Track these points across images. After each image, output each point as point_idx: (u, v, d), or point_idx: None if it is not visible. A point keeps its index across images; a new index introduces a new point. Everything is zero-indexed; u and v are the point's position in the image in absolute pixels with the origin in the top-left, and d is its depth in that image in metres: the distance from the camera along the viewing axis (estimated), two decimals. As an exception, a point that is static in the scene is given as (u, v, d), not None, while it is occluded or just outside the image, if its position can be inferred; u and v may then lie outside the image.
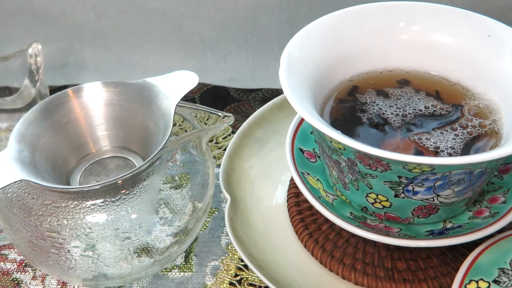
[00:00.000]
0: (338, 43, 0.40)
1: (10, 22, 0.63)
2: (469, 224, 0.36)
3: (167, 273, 0.42)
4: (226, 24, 0.62)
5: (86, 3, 0.61)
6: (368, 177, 0.35)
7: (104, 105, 0.42)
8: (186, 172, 0.41)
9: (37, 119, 0.40)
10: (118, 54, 0.65)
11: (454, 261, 0.39)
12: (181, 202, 0.40)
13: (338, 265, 0.39)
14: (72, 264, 0.37)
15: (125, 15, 0.62)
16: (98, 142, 0.43)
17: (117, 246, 0.37)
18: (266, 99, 0.57)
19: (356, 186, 0.36)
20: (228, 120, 0.41)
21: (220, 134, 0.54)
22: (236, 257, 0.43)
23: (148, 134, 0.41)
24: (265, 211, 0.44)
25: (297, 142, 0.42)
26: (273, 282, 0.38)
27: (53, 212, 0.36)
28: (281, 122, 0.49)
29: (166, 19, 0.62)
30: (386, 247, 0.40)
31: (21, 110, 0.51)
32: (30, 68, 0.52)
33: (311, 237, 0.41)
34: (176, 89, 0.40)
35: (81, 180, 0.41)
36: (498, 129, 0.37)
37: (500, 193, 0.39)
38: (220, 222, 0.46)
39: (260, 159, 0.48)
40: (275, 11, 0.60)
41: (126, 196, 0.37)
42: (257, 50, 0.63)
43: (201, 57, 0.64)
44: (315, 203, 0.38)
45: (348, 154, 0.34)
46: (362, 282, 0.39)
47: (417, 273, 0.39)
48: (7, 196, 0.38)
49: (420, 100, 0.40)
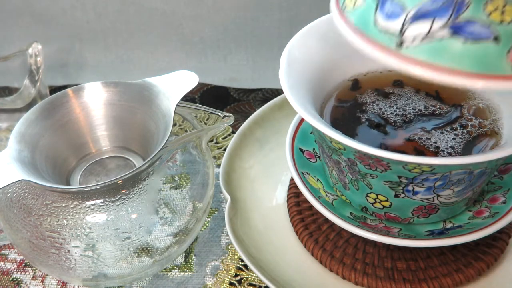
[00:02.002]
0: (338, 43, 0.40)
1: (10, 22, 0.63)
2: (469, 224, 0.36)
3: (167, 273, 0.42)
4: (226, 24, 0.62)
5: (86, 3, 0.61)
6: (368, 177, 0.35)
7: (104, 105, 0.42)
8: (186, 172, 0.41)
9: (37, 119, 0.40)
10: (118, 54, 0.65)
11: (454, 261, 0.39)
12: (181, 202, 0.40)
13: (338, 265, 0.39)
14: (72, 264, 0.37)
15: (125, 15, 0.62)
16: (98, 142, 0.43)
17: (117, 246, 0.37)
18: (266, 99, 0.57)
19: (356, 186, 0.36)
20: (228, 120, 0.41)
21: (220, 134, 0.54)
22: (236, 257, 0.43)
23: (148, 134, 0.41)
24: (265, 211, 0.44)
25: (297, 142, 0.42)
26: (273, 282, 0.38)
27: (53, 212, 0.36)
28: (281, 122, 0.49)
29: (166, 19, 0.62)
30: (386, 247, 0.40)
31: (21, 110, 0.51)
32: (30, 68, 0.52)
33: (311, 237, 0.41)
34: (176, 89, 0.40)
35: (81, 180, 0.41)
36: (498, 129, 0.37)
37: (500, 193, 0.39)
38: (220, 222, 0.46)
39: (260, 159, 0.48)
40: (275, 11, 0.60)
41: (126, 196, 0.37)
42: (257, 50, 0.63)
43: (201, 57, 0.64)
44: (315, 203, 0.38)
45: (348, 154, 0.34)
46: (362, 282, 0.39)
47: (417, 273, 0.39)
48: (7, 196, 0.38)
49: (420, 100, 0.40)
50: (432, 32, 0.28)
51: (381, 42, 0.29)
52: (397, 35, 0.29)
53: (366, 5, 0.31)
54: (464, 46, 0.28)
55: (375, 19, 0.30)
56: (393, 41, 0.29)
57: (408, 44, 0.29)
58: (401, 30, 0.29)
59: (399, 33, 0.29)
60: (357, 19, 0.31)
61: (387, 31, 0.29)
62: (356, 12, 0.31)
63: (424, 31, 0.28)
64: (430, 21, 0.28)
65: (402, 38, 0.29)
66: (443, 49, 0.28)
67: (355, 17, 0.31)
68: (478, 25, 0.28)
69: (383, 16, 0.30)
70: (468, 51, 0.28)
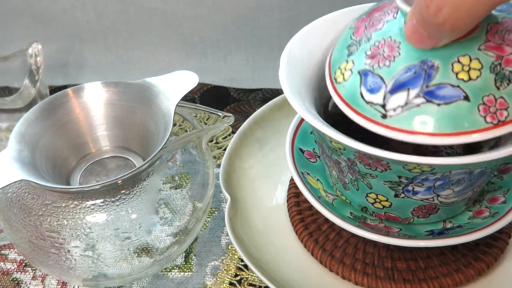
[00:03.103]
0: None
1: (10, 22, 0.63)
2: (469, 224, 0.36)
3: (167, 273, 0.42)
4: (226, 24, 0.62)
5: (86, 3, 0.61)
6: (368, 177, 0.35)
7: (104, 105, 0.42)
8: (186, 172, 0.41)
9: (37, 119, 0.40)
10: (118, 54, 0.65)
11: (454, 261, 0.39)
12: (181, 202, 0.40)
13: (338, 265, 0.39)
14: (72, 264, 0.37)
15: (125, 15, 0.62)
16: (98, 142, 0.43)
17: (117, 246, 0.37)
18: (266, 99, 0.57)
19: (356, 186, 0.36)
20: (228, 120, 0.41)
21: (220, 134, 0.54)
22: (236, 257, 0.43)
23: (148, 134, 0.41)
24: (265, 211, 0.44)
25: (297, 142, 0.42)
26: (273, 282, 0.38)
27: (53, 212, 0.36)
28: (281, 122, 0.49)
29: (166, 19, 0.62)
30: (386, 247, 0.40)
31: (21, 110, 0.51)
32: (30, 68, 0.52)
33: (311, 237, 0.41)
34: (176, 89, 0.40)
35: (81, 180, 0.41)
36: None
37: (500, 193, 0.39)
38: (220, 222, 0.46)
39: (260, 159, 0.48)
40: (275, 11, 0.60)
41: (126, 196, 0.37)
42: (257, 50, 0.63)
43: (201, 57, 0.64)
44: (315, 203, 0.38)
45: (348, 154, 0.34)
46: (362, 282, 0.39)
47: (417, 273, 0.39)
48: (7, 196, 0.38)
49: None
50: (409, 101, 0.31)
51: (368, 114, 0.32)
52: (381, 107, 0.32)
53: (352, 79, 0.34)
54: (439, 109, 0.30)
55: (361, 92, 0.33)
56: (378, 113, 0.32)
57: (391, 114, 0.31)
58: (383, 102, 0.32)
59: (382, 105, 0.32)
60: (346, 93, 0.34)
61: (372, 103, 0.32)
62: (345, 85, 0.34)
63: (403, 101, 0.31)
64: (406, 91, 0.31)
65: (385, 109, 0.32)
66: (420, 115, 0.31)
67: (345, 90, 0.34)
68: (448, 87, 0.30)
69: (366, 90, 0.33)
70: (443, 113, 0.30)
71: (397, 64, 0.32)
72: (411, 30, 0.30)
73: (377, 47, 0.33)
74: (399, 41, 0.32)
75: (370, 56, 0.33)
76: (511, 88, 0.30)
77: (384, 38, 0.33)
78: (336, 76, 0.35)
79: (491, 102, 0.30)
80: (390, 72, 0.32)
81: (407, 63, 0.32)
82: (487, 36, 0.31)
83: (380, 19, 0.35)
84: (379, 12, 0.35)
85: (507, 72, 0.30)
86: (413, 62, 0.31)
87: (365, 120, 0.32)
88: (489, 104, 0.30)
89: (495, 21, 0.31)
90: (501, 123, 0.30)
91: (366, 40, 0.34)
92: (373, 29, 0.34)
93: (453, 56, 0.31)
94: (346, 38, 0.36)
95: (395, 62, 0.32)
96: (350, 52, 0.35)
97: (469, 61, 0.30)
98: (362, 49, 0.34)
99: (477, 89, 0.30)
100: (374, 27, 0.34)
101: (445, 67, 0.31)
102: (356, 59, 0.34)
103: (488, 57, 0.30)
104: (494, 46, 0.31)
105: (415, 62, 0.31)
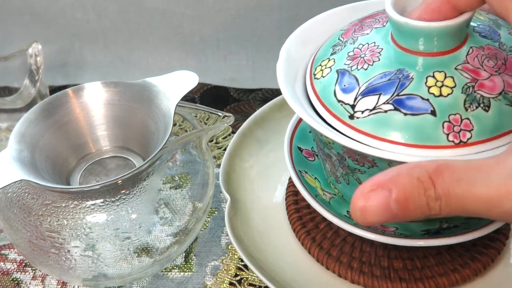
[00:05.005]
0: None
1: (10, 22, 0.64)
2: (465, 224, 0.36)
3: (167, 273, 0.43)
4: (226, 24, 0.62)
5: (86, 3, 0.61)
6: (357, 172, 0.35)
7: (104, 105, 0.42)
8: (186, 172, 0.41)
9: (37, 119, 0.40)
10: (118, 54, 0.65)
11: (450, 261, 0.39)
12: (181, 202, 0.40)
13: (335, 264, 0.40)
14: (72, 264, 0.37)
15: (125, 15, 0.62)
16: (98, 142, 0.43)
17: (117, 246, 0.37)
18: (266, 99, 0.57)
19: (346, 180, 0.37)
20: (228, 120, 0.41)
21: (220, 134, 0.54)
22: (236, 257, 0.43)
23: (148, 134, 0.41)
24: (265, 211, 0.44)
25: (295, 141, 0.43)
26: (273, 282, 0.38)
27: (53, 212, 0.37)
28: (281, 122, 0.49)
29: (166, 19, 0.62)
30: (383, 246, 0.40)
31: (21, 110, 0.51)
32: (30, 68, 0.52)
33: (309, 235, 0.41)
34: (176, 89, 0.40)
35: (81, 180, 0.41)
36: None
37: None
38: (220, 222, 0.46)
39: (260, 159, 0.48)
40: (275, 11, 0.60)
41: (126, 196, 0.37)
42: (257, 50, 0.63)
43: (201, 57, 0.64)
44: (311, 202, 0.38)
45: (337, 149, 0.34)
46: (358, 280, 0.39)
47: (413, 272, 0.39)
48: (7, 196, 0.38)
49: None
50: (378, 106, 0.31)
51: (337, 113, 0.33)
52: (350, 107, 0.33)
53: (330, 76, 0.34)
54: (405, 118, 0.31)
55: (335, 90, 0.34)
56: (347, 113, 0.33)
57: (358, 116, 0.32)
58: (353, 103, 0.32)
59: (351, 106, 0.33)
60: (321, 89, 0.35)
61: (342, 102, 0.33)
62: (322, 81, 0.35)
63: (372, 105, 0.32)
64: (377, 95, 0.32)
65: (354, 110, 0.32)
66: (386, 121, 0.31)
67: (320, 86, 0.35)
68: (418, 99, 0.31)
69: (340, 89, 0.33)
70: (408, 124, 0.31)
71: (374, 68, 0.33)
72: (382, 206, 0.26)
73: (360, 49, 0.34)
74: (381, 48, 0.33)
75: (351, 57, 0.34)
76: (479, 111, 0.31)
77: (368, 43, 0.34)
78: (316, 72, 0.36)
79: (457, 121, 0.30)
80: (367, 75, 0.33)
81: (384, 70, 0.32)
82: (467, 58, 0.31)
83: (369, 25, 0.35)
84: (371, 19, 0.36)
85: (478, 95, 0.31)
86: (389, 69, 0.32)
87: (333, 118, 0.33)
88: (454, 123, 0.30)
89: (478, 45, 0.32)
90: (462, 144, 0.30)
91: (352, 42, 0.35)
92: (360, 33, 0.35)
93: (430, 70, 0.31)
94: (334, 38, 0.37)
95: (373, 66, 0.33)
96: (334, 51, 0.36)
97: (443, 77, 0.31)
98: (346, 50, 0.35)
99: (446, 106, 0.31)
100: (362, 31, 0.35)
101: (419, 80, 0.31)
102: (338, 58, 0.35)
103: (463, 77, 0.31)
104: (472, 69, 0.31)
105: (391, 70, 0.32)
